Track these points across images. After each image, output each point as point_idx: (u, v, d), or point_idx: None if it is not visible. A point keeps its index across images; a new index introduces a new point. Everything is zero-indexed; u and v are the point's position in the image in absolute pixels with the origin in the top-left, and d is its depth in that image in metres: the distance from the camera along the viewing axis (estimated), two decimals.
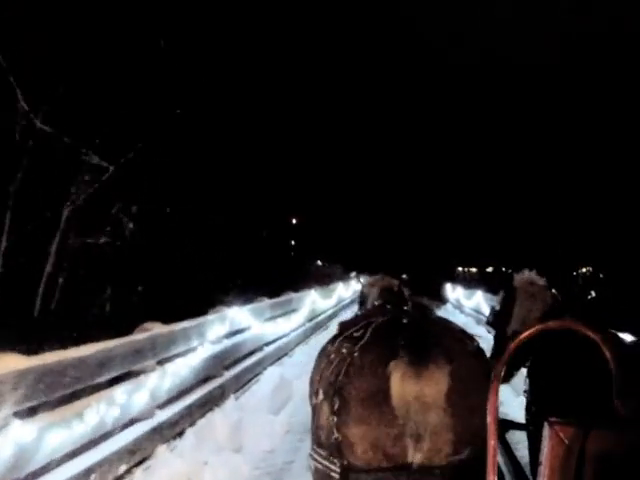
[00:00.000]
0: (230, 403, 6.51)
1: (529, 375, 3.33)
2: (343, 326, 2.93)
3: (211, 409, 5.92)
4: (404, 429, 2.37)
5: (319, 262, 46.56)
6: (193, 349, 5.46)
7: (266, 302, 8.21)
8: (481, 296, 18.52)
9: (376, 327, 2.63)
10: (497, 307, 3.92)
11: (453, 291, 27.60)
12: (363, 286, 4.36)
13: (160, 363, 4.80)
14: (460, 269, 55.74)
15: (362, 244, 50.84)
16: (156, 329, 4.67)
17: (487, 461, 2.10)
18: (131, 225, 10.70)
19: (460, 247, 56.77)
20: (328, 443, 2.49)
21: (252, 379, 7.49)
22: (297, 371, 9.73)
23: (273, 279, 15.48)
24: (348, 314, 12.48)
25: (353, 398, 2.43)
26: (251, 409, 7.10)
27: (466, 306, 21.47)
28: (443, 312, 21.91)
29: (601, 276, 45.16)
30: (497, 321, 3.72)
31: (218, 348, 6.13)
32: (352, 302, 20.55)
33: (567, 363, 2.94)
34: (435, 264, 48.24)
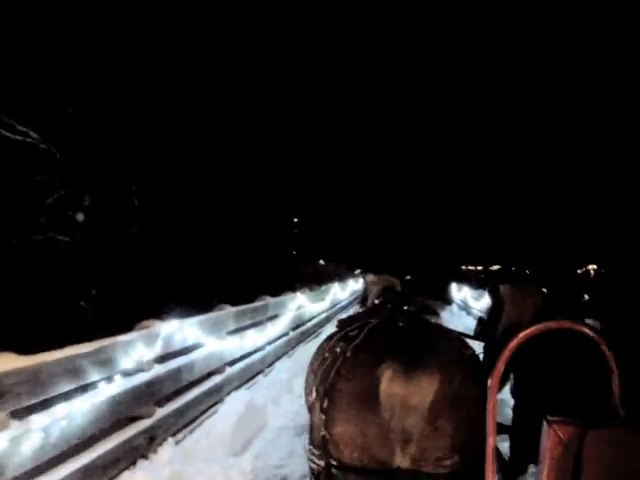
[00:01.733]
0: (165, 451, 4.79)
1: (519, 376, 3.22)
2: (342, 323, 2.95)
3: (130, 465, 4.21)
4: (390, 432, 2.32)
5: (322, 261, 45.34)
6: (93, 385, 3.75)
7: (229, 311, 6.47)
8: None
9: (371, 328, 2.63)
10: (484, 317, 3.86)
11: (459, 291, 26.06)
12: (365, 283, 4.20)
13: (17, 415, 3.10)
14: (465, 267, 54.12)
15: (366, 243, 49.73)
16: (4, 363, 2.95)
17: (486, 460, 2.09)
18: (81, 218, 8.99)
19: (464, 245, 55.49)
20: (317, 441, 2.48)
21: (205, 412, 5.78)
22: (274, 393, 7.99)
23: (253, 282, 13.76)
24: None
25: (342, 397, 2.40)
26: (199, 454, 5.38)
27: (474, 308, 19.95)
28: (448, 313, 20.29)
29: (602, 271, 44.24)
30: (485, 331, 3.59)
31: (143, 379, 4.42)
32: (350, 304, 18.86)
33: (562, 363, 2.84)
34: (438, 263, 46.76)
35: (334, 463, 2.42)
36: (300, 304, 10.97)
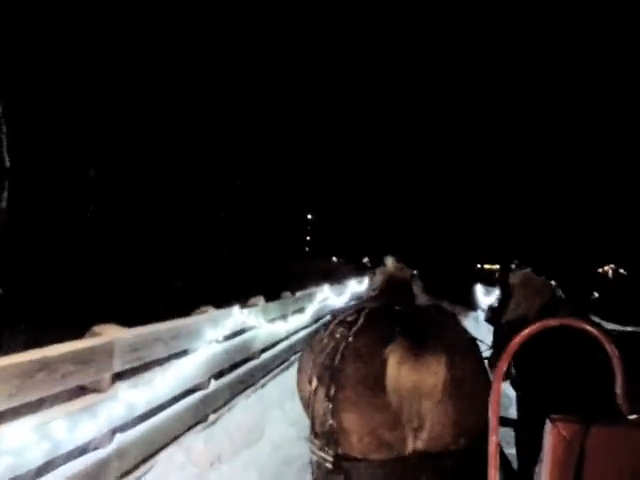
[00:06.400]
0: None
1: (522, 371, 3.17)
2: (336, 314, 2.86)
3: None
4: (400, 416, 2.27)
5: (334, 259, 44.68)
6: None
7: None
8: None
9: (369, 312, 2.57)
10: (495, 304, 3.87)
11: (487, 295, 21.58)
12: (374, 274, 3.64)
13: None
14: (490, 267, 50.27)
15: (382, 240, 47.08)
16: None
17: (489, 456, 2.05)
18: None
19: (486, 244, 52.20)
20: (323, 431, 2.37)
21: None
22: None
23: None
24: None
25: (348, 382, 2.34)
26: None
27: None
28: (472, 322, 15.67)
29: (622, 272, 44.56)
30: (494, 317, 3.65)
31: None
32: None
33: (566, 359, 2.78)
34: (458, 261, 42.67)
35: (343, 451, 2.29)
36: (244, 324, 6.47)
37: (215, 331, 5.49)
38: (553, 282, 3.60)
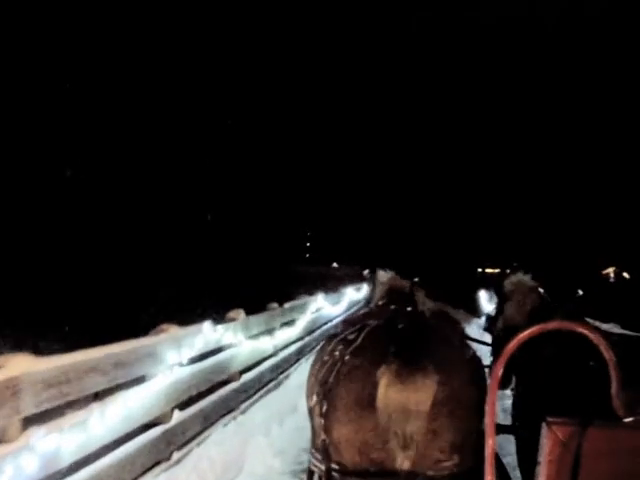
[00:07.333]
0: None
1: (518, 374, 3.15)
2: (346, 324, 2.88)
3: None
4: (389, 436, 2.31)
5: (335, 264, 44.73)
6: None
7: None
8: None
9: (370, 331, 2.56)
10: (492, 313, 3.88)
11: (490, 301, 20.81)
12: (373, 284, 3.63)
13: None
14: (492, 270, 49.50)
15: (384, 245, 46.73)
16: None
17: (485, 460, 2.06)
18: None
19: (486, 248, 51.44)
20: (318, 445, 2.46)
21: None
22: None
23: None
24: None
25: (340, 401, 2.38)
26: None
27: None
28: (475, 328, 14.89)
29: (626, 275, 43.63)
30: (492, 326, 3.66)
31: None
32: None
33: (561, 362, 2.75)
34: (462, 267, 41.85)
35: (334, 467, 2.37)
36: (218, 343, 5.65)
37: (178, 353, 4.67)
38: (541, 290, 3.65)
